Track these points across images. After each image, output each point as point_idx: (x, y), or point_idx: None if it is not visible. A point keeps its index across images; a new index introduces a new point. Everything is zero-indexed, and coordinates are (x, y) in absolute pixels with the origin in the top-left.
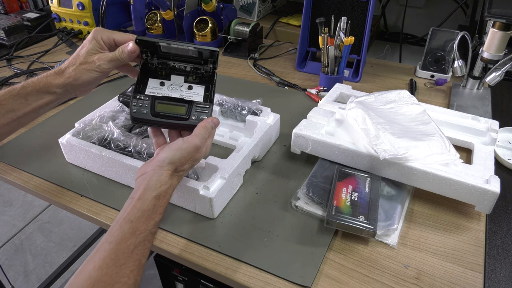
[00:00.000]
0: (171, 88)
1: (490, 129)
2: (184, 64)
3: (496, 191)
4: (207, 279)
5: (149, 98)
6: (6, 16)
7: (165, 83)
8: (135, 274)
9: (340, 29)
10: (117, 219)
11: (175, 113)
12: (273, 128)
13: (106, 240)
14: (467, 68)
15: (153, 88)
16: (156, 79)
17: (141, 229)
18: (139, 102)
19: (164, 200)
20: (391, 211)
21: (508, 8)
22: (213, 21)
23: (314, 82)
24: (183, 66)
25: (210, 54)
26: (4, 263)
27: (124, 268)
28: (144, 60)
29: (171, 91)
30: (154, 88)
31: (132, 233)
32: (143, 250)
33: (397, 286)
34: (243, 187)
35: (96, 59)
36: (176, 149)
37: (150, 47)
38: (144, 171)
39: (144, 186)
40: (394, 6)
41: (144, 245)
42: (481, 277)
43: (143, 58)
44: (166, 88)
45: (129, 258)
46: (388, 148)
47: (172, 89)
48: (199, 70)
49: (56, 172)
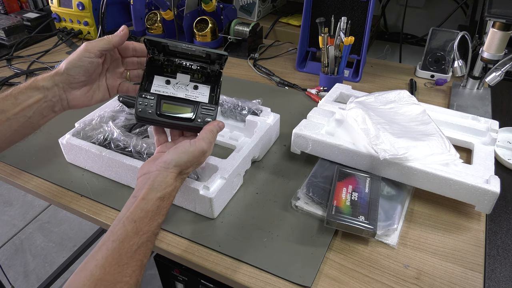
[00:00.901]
0: (176, 87)
1: (490, 129)
2: (191, 62)
3: (496, 191)
4: (207, 279)
5: (155, 97)
6: (6, 16)
7: (170, 82)
8: (136, 274)
9: (340, 29)
10: (119, 217)
11: (181, 114)
12: (273, 128)
13: (108, 238)
14: (467, 68)
15: (158, 86)
16: (161, 77)
17: (144, 229)
18: (144, 100)
19: (167, 202)
20: (391, 211)
21: (508, 8)
22: (213, 21)
23: (314, 82)
24: (190, 64)
25: (218, 56)
26: (4, 263)
27: (127, 268)
28: (151, 56)
29: (176, 90)
30: (159, 86)
31: (136, 233)
32: (145, 250)
33: (397, 286)
34: (243, 187)
35: (86, 43)
36: (182, 152)
37: (158, 46)
38: (148, 170)
39: (148, 186)
40: (394, 6)
41: (146, 246)
42: (481, 277)
43: (150, 54)
44: (172, 86)
45: (131, 258)
46: (388, 148)
47: (177, 88)
48: (205, 69)
49: (56, 172)
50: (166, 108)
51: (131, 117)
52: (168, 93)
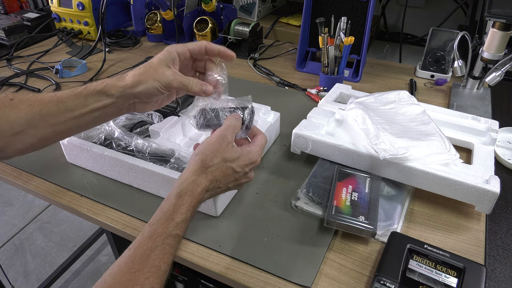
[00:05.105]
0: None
1: (490, 129)
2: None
3: (496, 191)
4: (207, 279)
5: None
6: (6, 16)
7: None
8: (151, 282)
9: (340, 29)
10: None
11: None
12: (273, 126)
13: (129, 246)
14: (467, 68)
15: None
16: None
17: (159, 231)
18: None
19: (187, 199)
20: (391, 211)
21: (508, 8)
22: (213, 21)
23: (314, 82)
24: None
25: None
26: (4, 263)
27: (139, 275)
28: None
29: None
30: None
31: (150, 237)
32: (162, 254)
33: None
34: (244, 187)
35: (168, 73)
36: (204, 142)
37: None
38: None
39: (174, 185)
40: (394, 6)
41: (163, 249)
42: None
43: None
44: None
45: (144, 264)
46: (388, 148)
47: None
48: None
49: (56, 172)
50: None
51: (132, 117)
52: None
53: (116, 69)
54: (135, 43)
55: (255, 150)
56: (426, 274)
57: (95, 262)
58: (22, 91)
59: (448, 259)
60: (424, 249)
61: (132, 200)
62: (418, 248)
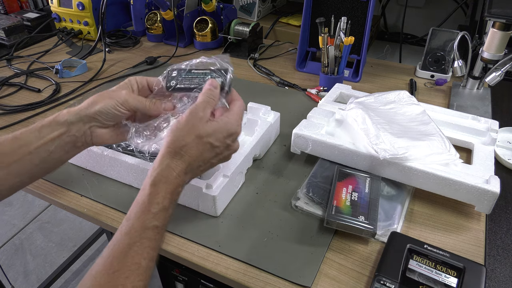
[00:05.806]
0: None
1: (490, 129)
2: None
3: (496, 191)
4: (207, 279)
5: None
6: (6, 16)
7: None
8: (131, 281)
9: (340, 29)
10: None
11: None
12: (273, 126)
13: (107, 244)
14: (467, 68)
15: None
16: None
17: (136, 226)
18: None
19: (162, 186)
20: (391, 211)
21: (508, 8)
22: (213, 21)
23: (314, 82)
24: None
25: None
26: (4, 263)
27: (118, 276)
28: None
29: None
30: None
31: (127, 233)
32: (141, 250)
33: None
34: (244, 187)
35: (124, 92)
36: (174, 122)
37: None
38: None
39: (148, 172)
40: (394, 6)
41: (141, 244)
42: None
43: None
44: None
45: (123, 263)
46: (388, 147)
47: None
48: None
49: (56, 172)
50: None
51: None
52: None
53: (116, 69)
54: (135, 43)
55: (233, 119)
56: (426, 274)
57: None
58: (20, 91)
59: (448, 259)
60: (424, 249)
61: (132, 200)
62: (418, 248)
